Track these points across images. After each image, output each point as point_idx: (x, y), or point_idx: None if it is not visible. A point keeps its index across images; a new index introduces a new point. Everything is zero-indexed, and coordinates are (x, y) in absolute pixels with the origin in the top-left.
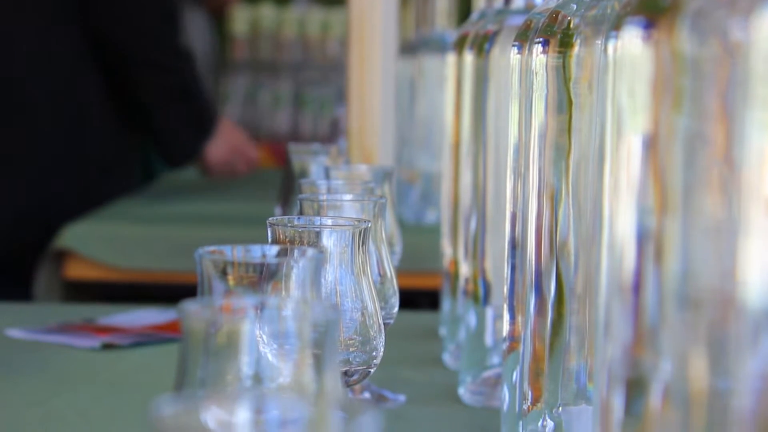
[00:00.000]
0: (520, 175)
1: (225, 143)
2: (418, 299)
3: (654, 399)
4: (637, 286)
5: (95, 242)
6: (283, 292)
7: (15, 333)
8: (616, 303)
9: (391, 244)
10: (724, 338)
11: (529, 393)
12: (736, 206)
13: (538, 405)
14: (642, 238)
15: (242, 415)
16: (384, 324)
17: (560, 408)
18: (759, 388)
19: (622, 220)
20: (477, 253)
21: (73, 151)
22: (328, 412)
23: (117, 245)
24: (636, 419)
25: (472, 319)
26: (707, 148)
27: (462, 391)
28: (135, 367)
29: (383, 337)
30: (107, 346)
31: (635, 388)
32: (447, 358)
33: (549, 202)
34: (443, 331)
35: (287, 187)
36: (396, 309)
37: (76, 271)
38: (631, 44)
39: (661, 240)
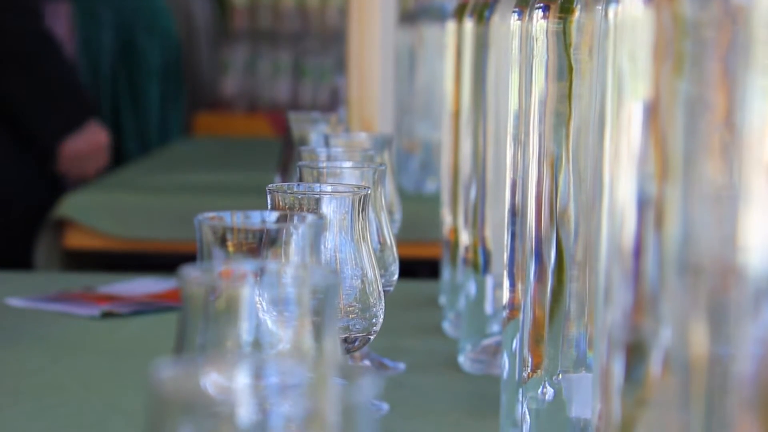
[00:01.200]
0: (520, 142)
1: (84, 142)
2: (418, 269)
3: (654, 365)
4: (638, 252)
5: (95, 212)
6: (283, 259)
7: (15, 302)
8: (616, 269)
9: (390, 212)
10: (724, 304)
11: (529, 360)
12: (737, 172)
13: (538, 372)
14: (642, 204)
15: (241, 380)
16: (384, 291)
17: (560, 375)
18: (759, 354)
19: (622, 187)
20: (477, 221)
21: None
22: (327, 377)
23: (117, 215)
24: (636, 385)
25: (471, 288)
26: (708, 113)
27: (462, 359)
28: (135, 335)
29: (383, 304)
30: (107, 315)
31: (635, 354)
32: (447, 326)
33: (549, 169)
34: (443, 299)
35: (287, 156)
36: (396, 276)
37: (76, 240)
38: (631, 9)
39: (661, 206)
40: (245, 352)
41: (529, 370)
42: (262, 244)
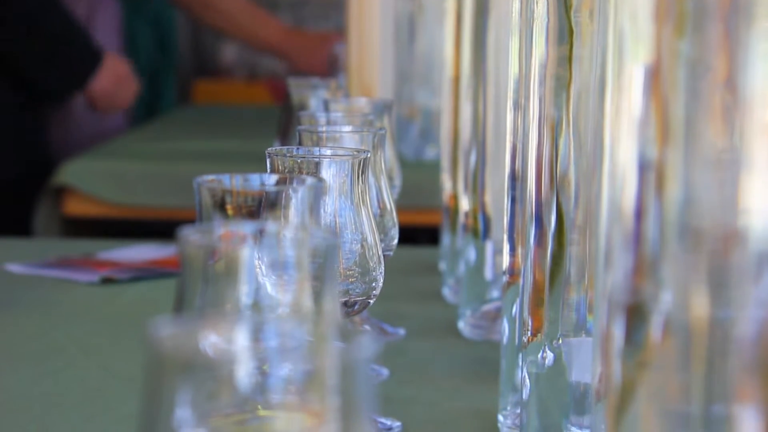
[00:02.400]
0: (521, 107)
1: (108, 78)
2: (418, 236)
3: (655, 328)
4: (639, 216)
5: (95, 178)
6: (282, 222)
7: (14, 268)
8: (616, 232)
9: (390, 178)
10: (725, 268)
11: (529, 323)
12: (738, 135)
13: (538, 336)
14: (643, 167)
15: (240, 340)
16: (383, 256)
17: (560, 339)
18: (761, 316)
19: (623, 150)
20: (477, 187)
21: None
22: (327, 338)
23: (116, 181)
24: (636, 348)
25: (471, 254)
26: (710, 75)
27: (462, 324)
28: (134, 301)
29: (383, 268)
30: (106, 281)
31: (636, 317)
32: (446, 292)
33: (549, 133)
34: (443, 265)
35: (286, 122)
36: (395, 241)
37: (75, 207)
38: None
39: (662, 169)
40: (244, 313)
41: (529, 335)
42: (261, 207)
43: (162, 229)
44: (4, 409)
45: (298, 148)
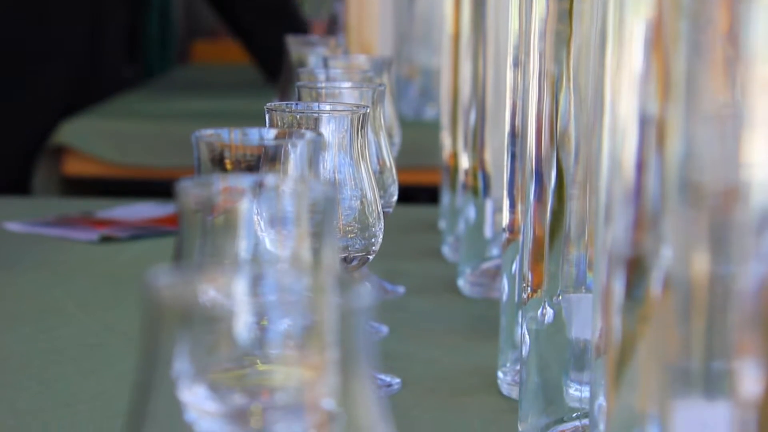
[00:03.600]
0: (521, 63)
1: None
2: (418, 195)
3: (655, 284)
4: (639, 170)
5: (94, 138)
6: (281, 176)
7: (13, 226)
8: (617, 186)
9: (390, 135)
10: (726, 223)
11: (529, 279)
12: (740, 90)
13: (538, 293)
14: (644, 122)
15: (239, 293)
16: (383, 212)
17: (560, 296)
18: (761, 272)
19: (624, 105)
20: (476, 145)
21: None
22: (326, 290)
23: (116, 141)
24: (637, 303)
25: (471, 212)
26: (711, 29)
27: (461, 282)
28: (133, 260)
29: (382, 224)
30: (106, 239)
31: (636, 271)
32: (446, 250)
33: (550, 89)
34: (442, 224)
35: (286, 80)
36: (395, 198)
37: (74, 167)
38: None
39: (663, 124)
40: (243, 266)
41: (528, 291)
42: (260, 162)
43: (161, 189)
44: (2, 366)
45: (297, 104)
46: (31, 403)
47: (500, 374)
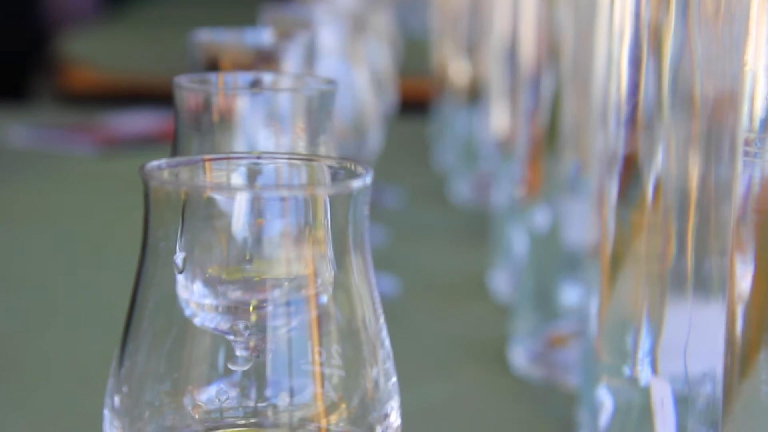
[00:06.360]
0: None
1: None
2: (411, 104)
3: (649, 185)
4: (635, 71)
5: (92, 47)
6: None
7: (13, 130)
8: (612, 88)
9: (389, 43)
10: (719, 126)
11: (524, 184)
12: None
13: (533, 198)
14: (639, 26)
15: (237, 181)
16: (380, 119)
17: (555, 201)
18: (752, 173)
19: (619, 9)
20: (471, 52)
21: None
22: (322, 181)
23: (114, 49)
24: (631, 204)
25: (465, 120)
26: None
27: (456, 191)
28: (132, 170)
29: (378, 129)
30: (104, 149)
31: (630, 172)
32: (439, 160)
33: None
34: (435, 133)
35: None
36: (391, 105)
37: (72, 76)
38: None
39: (658, 27)
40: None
41: (524, 197)
42: (256, 63)
43: (160, 97)
44: (1, 269)
45: (295, 8)
46: (30, 304)
47: (495, 278)
